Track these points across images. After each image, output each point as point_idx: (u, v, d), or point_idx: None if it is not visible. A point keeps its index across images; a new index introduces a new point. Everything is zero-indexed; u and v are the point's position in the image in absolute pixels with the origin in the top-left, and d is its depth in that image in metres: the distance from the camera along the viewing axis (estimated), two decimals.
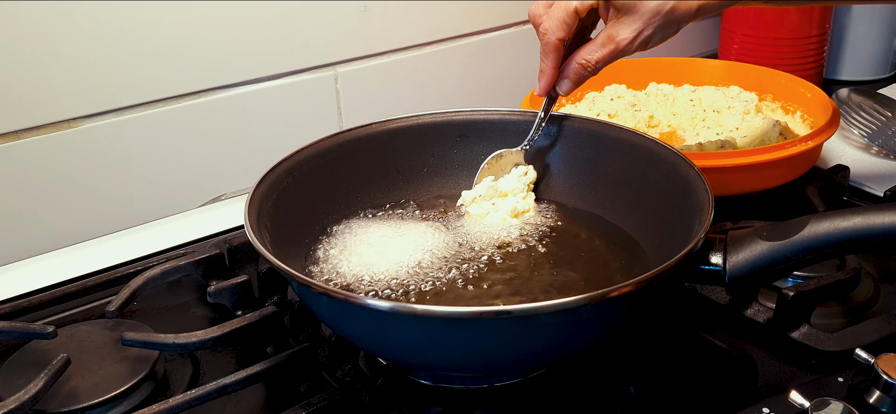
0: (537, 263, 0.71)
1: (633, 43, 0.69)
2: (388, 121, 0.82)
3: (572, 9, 0.69)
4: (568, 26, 0.70)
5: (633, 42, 0.69)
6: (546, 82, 0.74)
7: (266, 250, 0.59)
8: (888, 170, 1.01)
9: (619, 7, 0.68)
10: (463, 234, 0.75)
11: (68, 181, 0.91)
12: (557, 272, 0.69)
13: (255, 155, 1.02)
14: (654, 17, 0.68)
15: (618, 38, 0.69)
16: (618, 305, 0.56)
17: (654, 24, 0.68)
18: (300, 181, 0.74)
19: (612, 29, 0.69)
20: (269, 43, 0.99)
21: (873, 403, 0.58)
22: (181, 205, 1.00)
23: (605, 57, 0.71)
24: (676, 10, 0.67)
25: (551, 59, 0.72)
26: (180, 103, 0.95)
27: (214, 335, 0.69)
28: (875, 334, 0.69)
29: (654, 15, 0.68)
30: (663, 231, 0.71)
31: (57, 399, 0.64)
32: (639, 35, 0.69)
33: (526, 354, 0.58)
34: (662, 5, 0.67)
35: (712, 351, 0.70)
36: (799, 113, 1.03)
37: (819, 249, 0.59)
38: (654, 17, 0.68)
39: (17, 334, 0.71)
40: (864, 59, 1.35)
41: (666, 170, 0.72)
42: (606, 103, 1.08)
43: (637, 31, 0.68)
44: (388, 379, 0.65)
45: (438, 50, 1.14)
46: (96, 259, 0.88)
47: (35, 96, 0.86)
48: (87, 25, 0.86)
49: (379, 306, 0.53)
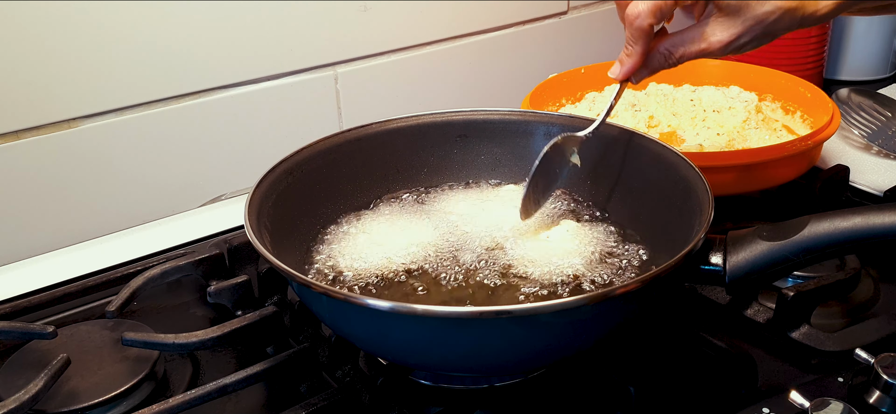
0: None
1: (727, 46, 0.65)
2: (388, 121, 0.82)
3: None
4: (663, 14, 0.65)
5: (727, 46, 0.65)
6: (631, 67, 0.68)
7: (266, 250, 0.59)
8: (888, 170, 1.01)
9: (722, 6, 0.64)
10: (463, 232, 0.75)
11: (68, 181, 0.91)
12: None
13: (255, 155, 1.02)
14: (757, 25, 0.63)
15: (711, 38, 0.65)
16: (618, 305, 0.56)
17: (753, 33, 0.64)
18: (300, 181, 0.74)
19: (707, 27, 0.65)
20: (269, 43, 0.99)
21: (873, 403, 0.58)
22: (181, 205, 1.00)
23: (692, 54, 0.66)
24: (780, 20, 0.63)
25: (641, 44, 0.66)
26: (180, 103, 0.95)
27: (214, 335, 0.69)
28: (875, 334, 0.69)
29: (757, 22, 0.63)
30: (663, 231, 0.71)
31: (57, 399, 0.64)
32: (735, 39, 0.64)
33: (526, 354, 0.58)
34: (768, 15, 0.62)
35: (712, 351, 0.70)
36: (799, 113, 1.03)
37: (819, 249, 0.59)
38: (756, 25, 0.63)
39: (17, 334, 0.71)
40: (864, 59, 1.35)
41: (666, 170, 0.72)
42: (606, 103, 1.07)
43: (735, 35, 0.64)
44: (388, 379, 0.65)
45: (438, 50, 1.14)
46: (96, 259, 0.88)
47: (35, 96, 0.86)
48: (86, 25, 0.86)
49: (379, 306, 0.53)
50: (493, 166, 0.85)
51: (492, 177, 0.85)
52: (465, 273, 0.69)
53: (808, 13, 0.63)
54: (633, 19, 0.65)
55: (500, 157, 0.84)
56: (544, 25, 1.24)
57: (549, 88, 1.08)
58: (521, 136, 0.83)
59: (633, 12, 0.65)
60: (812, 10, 0.63)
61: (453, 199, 0.81)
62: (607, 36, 1.31)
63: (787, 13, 0.62)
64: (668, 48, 0.67)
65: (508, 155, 0.84)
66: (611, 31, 1.31)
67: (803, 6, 0.62)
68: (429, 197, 0.82)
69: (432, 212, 0.79)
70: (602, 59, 1.17)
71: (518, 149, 0.84)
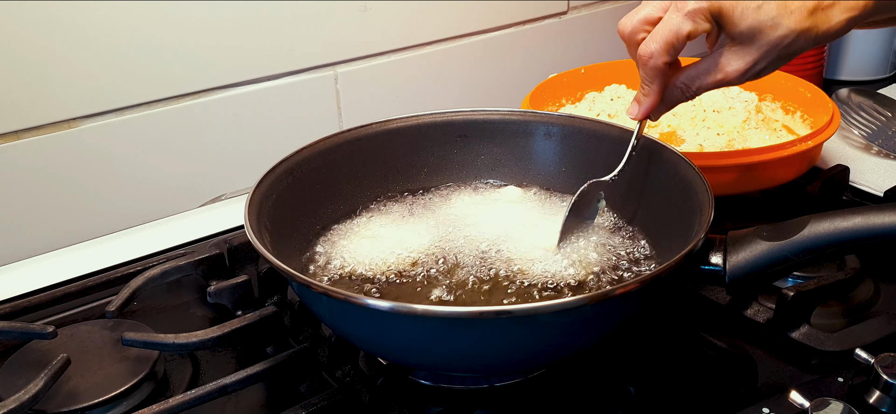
0: None
1: (744, 74, 0.64)
2: (388, 121, 0.82)
3: (684, 34, 0.63)
4: (676, 51, 0.64)
5: (744, 73, 0.64)
6: (648, 107, 0.67)
7: (266, 250, 0.59)
8: (888, 170, 1.01)
9: (735, 36, 0.63)
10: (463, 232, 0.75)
11: (68, 181, 0.91)
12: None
13: (255, 155, 1.02)
14: (772, 50, 0.62)
15: (728, 68, 0.64)
16: (618, 304, 0.56)
17: (768, 58, 0.63)
18: (300, 181, 0.74)
19: (722, 57, 0.64)
20: (269, 43, 0.99)
21: (873, 403, 0.58)
22: (181, 205, 1.00)
23: (710, 85, 0.65)
24: (795, 44, 0.62)
25: (657, 84, 0.66)
26: (180, 103, 0.95)
27: (214, 335, 0.69)
28: (875, 334, 0.69)
29: (771, 48, 0.62)
30: (663, 231, 0.71)
31: (57, 399, 0.64)
32: (751, 67, 0.63)
33: (526, 354, 0.58)
34: (782, 39, 0.62)
35: (712, 351, 0.70)
36: (799, 113, 1.03)
37: (819, 249, 0.59)
38: (771, 51, 0.62)
39: (17, 334, 0.71)
40: (864, 59, 1.35)
41: (666, 170, 0.72)
42: (606, 103, 1.08)
43: (751, 62, 0.63)
44: (388, 379, 0.65)
45: (438, 50, 1.14)
46: (96, 259, 0.88)
47: (35, 96, 0.86)
48: (86, 26, 0.86)
49: (379, 306, 0.53)
50: (493, 166, 0.85)
51: (492, 177, 0.85)
52: (465, 273, 0.69)
53: (822, 32, 0.62)
54: (646, 59, 0.65)
55: (500, 157, 0.84)
56: (544, 25, 1.24)
57: (549, 88, 1.08)
58: (521, 136, 0.83)
59: (645, 53, 0.64)
60: (825, 28, 0.62)
61: (453, 200, 0.81)
62: (607, 36, 1.31)
63: (802, 35, 0.62)
64: (684, 82, 0.66)
65: (508, 155, 0.84)
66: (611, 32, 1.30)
67: (816, 26, 0.62)
68: (429, 197, 0.82)
69: (432, 212, 0.79)
70: (602, 59, 1.17)
71: (518, 149, 0.84)
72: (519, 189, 0.82)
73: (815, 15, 0.62)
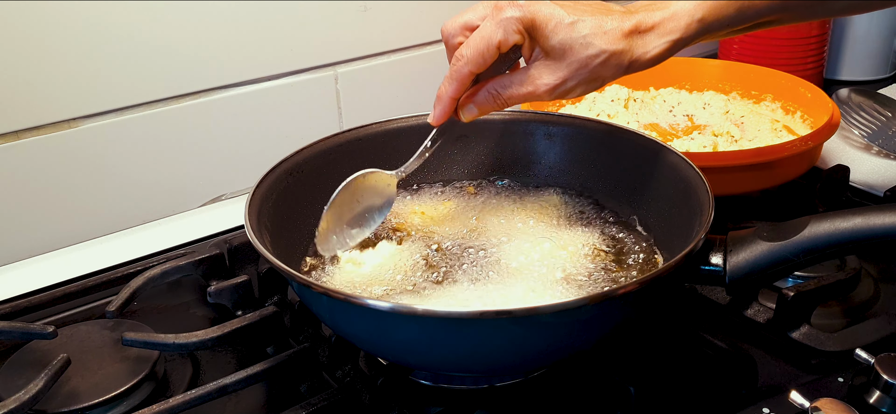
0: None
1: (553, 90, 0.63)
2: (388, 121, 0.82)
3: (495, 44, 0.62)
4: (485, 61, 0.63)
5: (553, 89, 0.63)
6: (442, 111, 0.67)
7: (266, 250, 0.59)
8: (888, 170, 1.01)
9: (547, 50, 0.62)
10: (463, 232, 0.75)
11: (68, 181, 0.91)
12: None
13: (255, 155, 1.02)
14: (582, 69, 0.62)
15: (538, 81, 0.63)
16: (618, 305, 0.56)
17: (579, 77, 0.62)
18: (300, 181, 0.74)
19: (534, 70, 0.64)
20: (269, 43, 0.99)
21: (873, 404, 0.58)
22: (181, 205, 1.00)
23: (519, 96, 0.65)
24: (606, 65, 0.62)
25: (454, 87, 0.65)
26: (180, 103, 0.95)
27: (214, 335, 0.69)
28: (875, 334, 0.69)
29: (581, 67, 0.62)
30: (663, 231, 0.71)
31: (57, 399, 0.64)
32: (561, 83, 0.63)
33: (526, 354, 0.58)
34: (592, 59, 0.61)
35: (712, 351, 0.70)
36: (799, 113, 1.03)
37: (819, 250, 0.59)
38: (581, 69, 0.62)
39: (17, 334, 0.71)
40: (864, 59, 1.35)
41: (666, 170, 0.72)
42: (606, 103, 1.08)
43: (560, 79, 0.63)
44: (388, 379, 0.65)
45: (438, 50, 1.14)
46: (96, 259, 0.88)
47: (35, 96, 0.86)
48: (86, 26, 0.86)
49: (379, 306, 0.53)
50: (493, 166, 0.85)
51: (492, 177, 0.85)
52: (464, 273, 0.69)
53: (635, 57, 0.62)
54: (456, 60, 0.64)
55: (500, 157, 0.84)
56: None
57: None
58: (521, 136, 0.83)
59: (458, 53, 0.64)
60: (640, 53, 0.62)
61: (453, 200, 0.81)
62: None
63: (614, 56, 0.61)
64: (495, 89, 0.65)
65: (508, 155, 0.84)
66: None
67: (630, 50, 0.62)
68: (428, 197, 0.82)
69: (432, 212, 0.79)
70: None
71: (518, 149, 0.84)
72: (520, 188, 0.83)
73: (630, 38, 0.61)
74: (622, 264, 0.70)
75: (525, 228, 0.75)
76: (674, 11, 0.62)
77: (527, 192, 0.82)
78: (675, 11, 0.62)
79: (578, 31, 0.61)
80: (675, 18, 0.62)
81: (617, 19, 0.62)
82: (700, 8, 0.62)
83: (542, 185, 0.83)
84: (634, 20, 0.62)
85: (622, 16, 0.62)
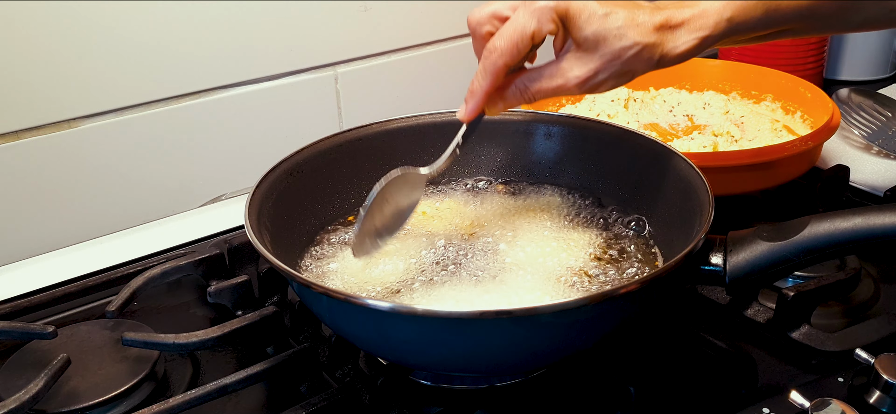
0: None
1: (584, 83, 0.62)
2: (388, 121, 0.82)
3: (529, 34, 0.60)
4: (520, 52, 0.61)
5: (584, 82, 0.62)
6: (475, 106, 0.64)
7: (266, 250, 0.59)
8: (888, 170, 1.01)
9: (580, 41, 0.61)
10: (463, 232, 0.75)
11: (68, 181, 0.91)
12: None
13: (255, 155, 1.02)
14: (614, 60, 0.61)
15: (568, 74, 0.62)
16: (618, 305, 0.56)
17: (611, 69, 0.61)
18: (300, 181, 0.74)
19: (565, 63, 0.62)
20: (269, 43, 0.99)
21: (873, 403, 0.58)
22: (181, 205, 1.00)
23: (549, 90, 0.63)
24: (638, 57, 0.61)
25: (488, 81, 0.63)
26: (180, 103, 0.95)
27: (214, 335, 0.69)
28: (875, 334, 0.69)
29: (614, 58, 0.61)
30: (663, 231, 0.71)
31: (57, 399, 0.64)
32: (593, 76, 0.62)
33: (526, 354, 0.58)
34: (625, 50, 0.61)
35: (712, 351, 0.70)
36: (799, 113, 1.03)
37: (819, 250, 0.59)
38: (613, 61, 0.61)
39: (17, 334, 0.71)
40: (864, 59, 1.35)
41: (666, 170, 0.72)
42: (607, 103, 1.08)
43: (592, 71, 0.62)
44: (388, 379, 0.65)
45: (438, 50, 1.14)
46: (96, 259, 0.88)
47: (35, 96, 0.86)
48: (86, 26, 0.86)
49: (379, 306, 0.53)
50: (493, 166, 0.85)
51: (492, 177, 0.85)
52: (464, 273, 0.69)
53: (665, 51, 0.62)
54: (488, 52, 0.62)
55: (501, 157, 0.84)
56: None
57: None
58: (521, 136, 0.83)
59: (490, 48, 0.62)
60: (670, 47, 0.62)
61: (453, 200, 0.81)
62: None
63: (646, 49, 0.61)
64: (524, 83, 0.64)
65: (508, 155, 0.84)
66: None
67: (661, 44, 0.62)
68: (428, 197, 0.82)
69: (432, 212, 0.79)
70: None
71: (518, 149, 0.84)
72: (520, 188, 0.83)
73: (661, 32, 0.61)
74: (622, 264, 0.70)
75: (525, 227, 0.75)
76: (703, 9, 0.62)
77: (527, 192, 0.82)
78: (705, 9, 0.62)
79: (612, 23, 0.60)
80: (705, 16, 0.62)
81: (647, 13, 0.62)
82: (729, 7, 0.62)
83: (542, 185, 0.83)
84: (664, 15, 0.62)
85: (652, 10, 0.62)
